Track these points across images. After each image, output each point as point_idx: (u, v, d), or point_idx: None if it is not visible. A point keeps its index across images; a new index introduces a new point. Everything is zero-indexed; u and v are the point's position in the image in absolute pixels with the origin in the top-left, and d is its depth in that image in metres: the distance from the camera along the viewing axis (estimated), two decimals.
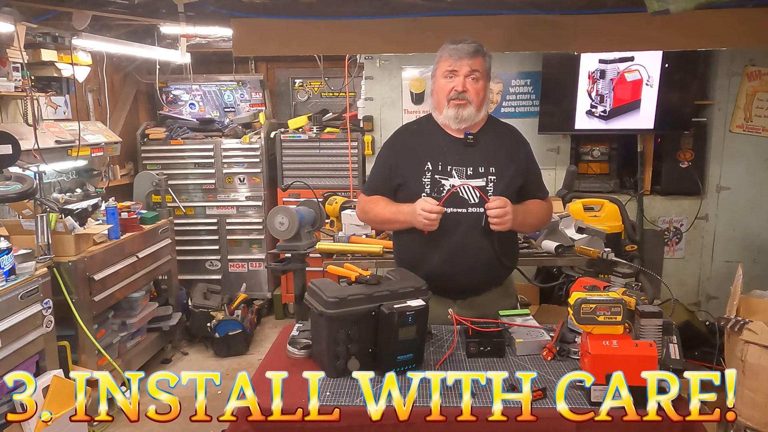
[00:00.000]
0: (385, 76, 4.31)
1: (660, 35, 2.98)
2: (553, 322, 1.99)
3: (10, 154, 2.92)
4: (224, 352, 4.17)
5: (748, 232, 4.18)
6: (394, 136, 2.27)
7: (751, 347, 2.29)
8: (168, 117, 5.05)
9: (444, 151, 2.10)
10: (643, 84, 3.97)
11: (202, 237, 4.85)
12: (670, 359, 1.58)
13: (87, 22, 3.22)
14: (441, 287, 2.03)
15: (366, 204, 2.22)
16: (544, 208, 2.21)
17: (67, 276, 3.06)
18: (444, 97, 2.08)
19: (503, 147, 2.14)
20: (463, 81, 2.06)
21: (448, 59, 2.08)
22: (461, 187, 2.04)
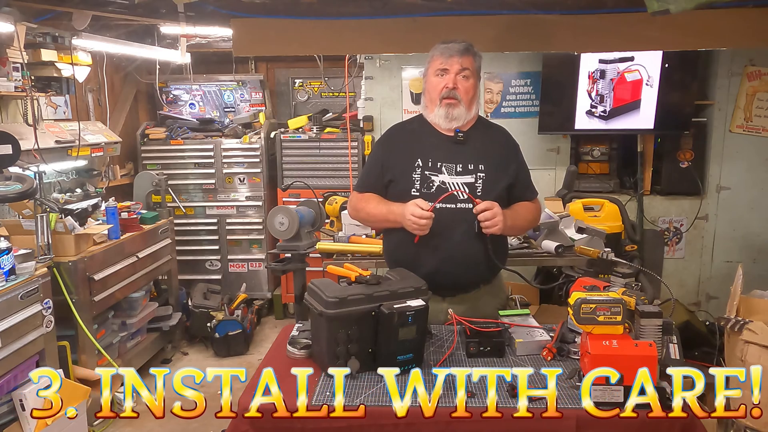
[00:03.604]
0: (385, 76, 4.31)
1: (660, 35, 2.98)
2: (553, 322, 1.98)
3: (10, 154, 2.92)
4: (224, 352, 4.17)
5: (748, 232, 4.18)
6: (386, 134, 2.31)
7: (751, 347, 2.30)
8: (168, 117, 5.05)
9: (434, 147, 2.12)
10: (643, 84, 3.97)
11: (202, 237, 4.85)
12: (670, 359, 1.58)
13: (87, 22, 3.22)
14: (431, 284, 2.04)
15: (358, 202, 2.24)
16: (532, 210, 2.23)
17: (67, 276, 3.06)
18: (436, 95, 2.11)
19: (493, 146, 2.18)
20: (454, 78, 2.09)
21: (439, 57, 2.12)
22: (450, 183, 2.07)
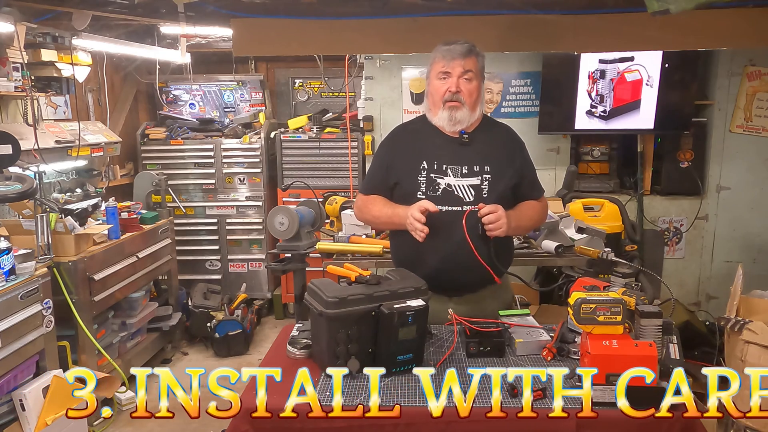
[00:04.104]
0: (385, 76, 4.31)
1: (660, 35, 2.98)
2: (553, 322, 1.98)
3: (10, 154, 2.92)
4: (224, 352, 4.17)
5: (748, 232, 4.18)
6: (391, 135, 2.29)
7: (751, 347, 2.29)
8: (168, 117, 5.05)
9: (439, 149, 2.11)
10: (643, 84, 3.97)
11: (202, 237, 4.85)
12: (670, 359, 1.58)
13: (87, 22, 3.22)
14: (437, 284, 2.04)
15: (364, 204, 2.24)
16: (538, 209, 2.22)
17: (67, 276, 3.06)
18: (439, 98, 2.10)
19: (498, 146, 2.16)
20: (457, 82, 2.07)
21: (441, 60, 2.09)
22: (456, 185, 2.06)
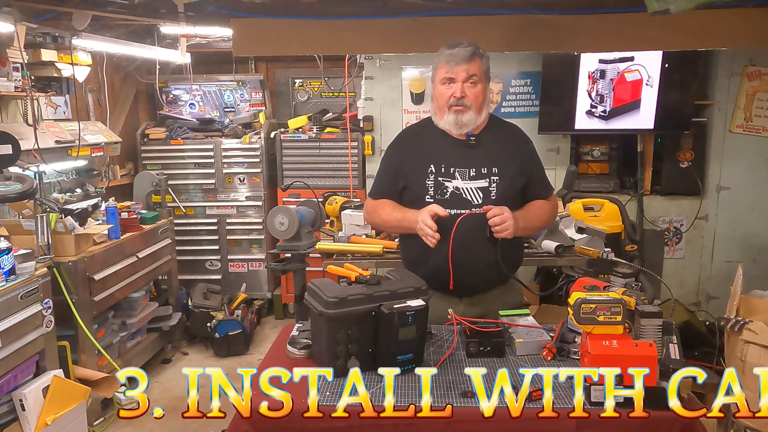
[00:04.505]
0: (385, 76, 4.30)
1: (660, 35, 2.98)
2: (553, 322, 1.99)
3: (10, 154, 2.92)
4: (224, 352, 4.17)
5: (748, 232, 4.17)
6: (398, 138, 2.29)
7: (751, 347, 2.29)
8: (168, 117, 5.05)
9: (446, 152, 2.11)
10: (643, 84, 3.97)
11: (202, 237, 4.85)
12: (670, 359, 1.58)
13: (87, 22, 3.22)
14: (446, 286, 2.05)
15: (373, 208, 2.24)
16: (547, 208, 2.21)
17: (67, 276, 3.06)
18: (444, 103, 2.09)
19: (505, 147, 2.15)
20: (461, 87, 2.06)
21: (444, 66, 2.08)
22: (464, 188, 2.06)
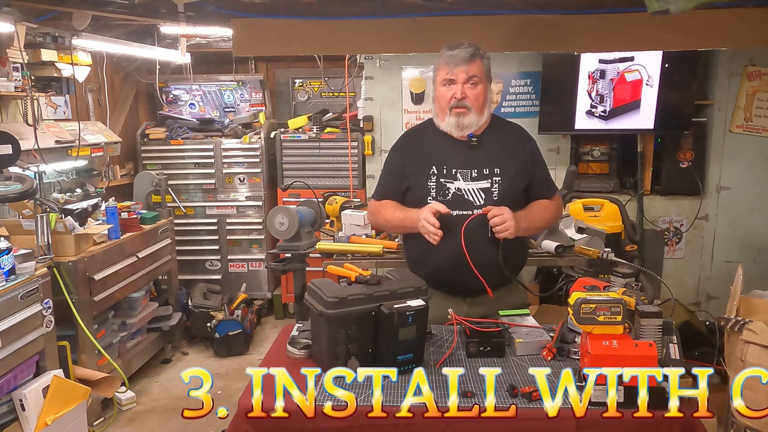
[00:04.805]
0: (385, 76, 4.30)
1: (660, 35, 2.98)
2: (553, 322, 1.99)
3: (10, 154, 2.93)
4: (224, 352, 4.17)
5: (748, 232, 4.17)
6: (401, 140, 2.29)
7: (751, 347, 2.29)
8: (168, 117, 5.05)
9: (448, 154, 2.11)
10: (643, 84, 3.97)
11: (202, 237, 4.85)
12: (670, 359, 1.58)
13: (87, 22, 3.22)
14: (450, 286, 2.05)
15: (377, 209, 2.24)
16: (551, 207, 2.21)
17: (67, 276, 3.06)
18: (445, 105, 2.09)
19: (507, 147, 2.15)
20: (462, 88, 2.05)
21: (445, 67, 2.08)
22: (466, 189, 2.06)
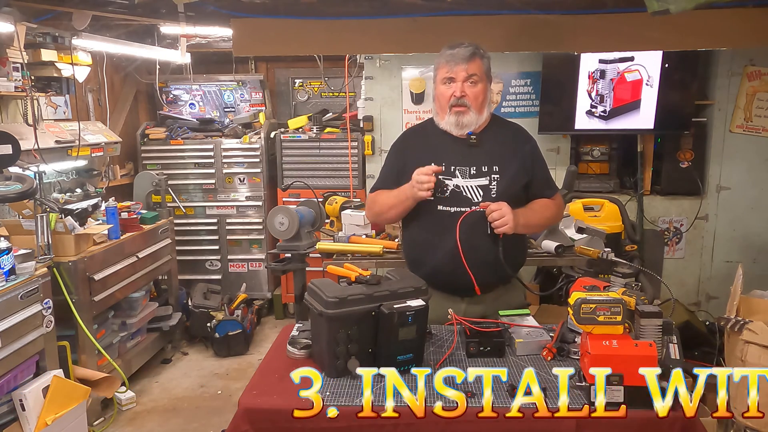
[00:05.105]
0: (385, 76, 4.30)
1: (660, 35, 2.98)
2: (553, 322, 1.99)
3: (10, 154, 2.92)
4: (224, 352, 4.17)
5: (748, 232, 4.17)
6: (401, 138, 2.30)
7: (751, 347, 2.29)
8: (168, 117, 5.05)
9: (447, 151, 2.11)
10: (643, 84, 3.97)
11: (202, 237, 4.85)
12: (670, 359, 1.58)
13: (87, 22, 3.22)
14: (448, 285, 2.05)
15: (372, 200, 2.25)
16: (551, 206, 2.21)
17: (67, 276, 3.06)
18: (445, 103, 2.10)
19: (507, 145, 2.16)
20: (461, 86, 2.07)
21: (445, 66, 2.09)
22: (464, 186, 2.07)
